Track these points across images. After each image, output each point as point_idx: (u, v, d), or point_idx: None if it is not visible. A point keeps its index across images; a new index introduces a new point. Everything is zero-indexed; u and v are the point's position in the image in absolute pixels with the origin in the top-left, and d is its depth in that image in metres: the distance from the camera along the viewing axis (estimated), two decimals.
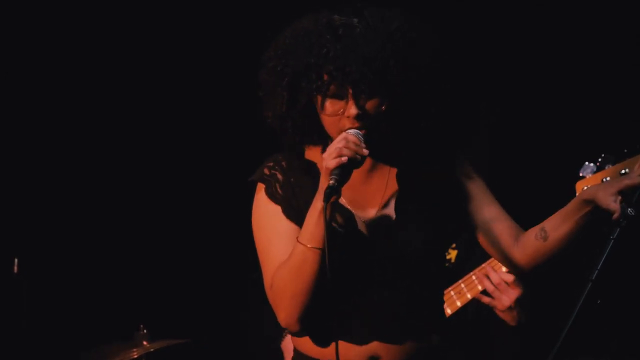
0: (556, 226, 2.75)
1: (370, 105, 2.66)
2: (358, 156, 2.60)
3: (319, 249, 2.62)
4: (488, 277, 3.87)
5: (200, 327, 4.99)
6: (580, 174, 3.63)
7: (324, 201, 2.56)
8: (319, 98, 2.69)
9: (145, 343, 4.38)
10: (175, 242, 5.11)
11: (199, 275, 5.13)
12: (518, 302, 3.87)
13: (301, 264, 2.65)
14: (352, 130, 2.64)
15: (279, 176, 2.81)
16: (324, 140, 2.79)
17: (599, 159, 3.55)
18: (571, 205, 2.73)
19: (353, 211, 2.79)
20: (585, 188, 3.58)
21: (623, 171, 3.45)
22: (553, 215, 2.77)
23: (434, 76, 2.71)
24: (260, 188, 2.81)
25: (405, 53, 2.65)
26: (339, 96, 2.66)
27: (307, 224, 2.65)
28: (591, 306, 2.58)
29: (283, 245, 2.73)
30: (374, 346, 2.75)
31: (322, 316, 2.69)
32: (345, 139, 2.60)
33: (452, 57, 2.79)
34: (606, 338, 4.26)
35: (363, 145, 2.62)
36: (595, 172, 3.57)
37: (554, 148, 4.62)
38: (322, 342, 2.78)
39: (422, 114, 2.73)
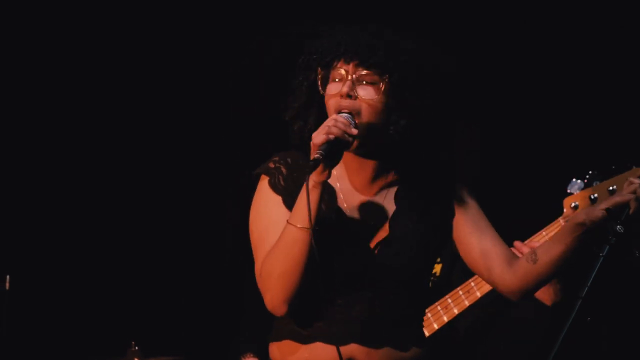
0: (547, 249, 2.82)
1: (363, 90, 2.78)
2: (346, 135, 2.71)
3: (307, 229, 2.70)
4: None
5: (192, 343, 4.98)
6: (568, 191, 3.66)
7: (307, 172, 2.66)
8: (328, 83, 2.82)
9: None
10: (167, 258, 5.07)
11: (192, 292, 5.10)
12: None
13: (290, 244, 2.72)
14: (343, 114, 2.76)
15: (283, 170, 2.90)
16: None
17: (587, 176, 3.58)
18: (563, 228, 2.81)
19: (352, 219, 2.87)
20: (573, 205, 3.63)
21: (611, 188, 3.48)
22: (546, 240, 2.84)
23: (427, 88, 2.81)
24: (264, 179, 2.90)
25: (406, 56, 2.80)
26: (341, 79, 2.80)
27: (297, 206, 2.74)
28: (581, 323, 2.61)
29: (279, 234, 2.78)
30: (352, 349, 2.81)
31: (307, 304, 2.77)
32: (334, 119, 2.72)
33: (452, 77, 2.88)
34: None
35: (352, 126, 2.73)
36: (582, 189, 3.60)
37: (541, 165, 4.62)
38: (302, 338, 2.84)
39: (411, 117, 2.81)
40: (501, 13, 4.76)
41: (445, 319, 3.91)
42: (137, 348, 4.32)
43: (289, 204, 2.83)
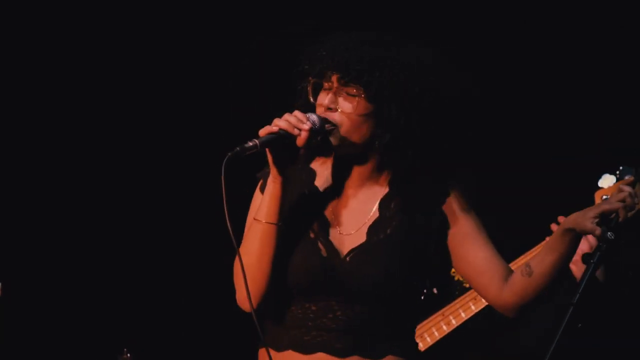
0: (540, 260, 2.79)
1: (345, 103, 2.77)
2: (296, 130, 2.68)
3: (272, 223, 2.75)
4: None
5: (185, 351, 4.98)
6: (599, 185, 3.67)
7: (229, 153, 2.63)
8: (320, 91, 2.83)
9: None
10: (160, 263, 5.07)
11: (184, 299, 5.10)
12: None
13: (252, 238, 2.77)
14: (311, 113, 2.76)
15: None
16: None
17: (617, 171, 3.59)
18: (553, 236, 2.78)
19: (332, 223, 2.86)
20: (604, 197, 3.62)
21: None
22: (537, 252, 2.83)
23: (413, 104, 2.77)
24: (259, 183, 2.92)
25: (397, 69, 2.76)
26: (329, 89, 2.80)
27: (262, 201, 2.78)
28: (573, 330, 2.60)
29: None
30: (319, 357, 2.80)
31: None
32: (288, 113, 2.72)
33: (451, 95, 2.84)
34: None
35: (308, 123, 2.70)
36: (615, 183, 3.61)
37: (573, 161, 4.64)
38: (277, 346, 2.84)
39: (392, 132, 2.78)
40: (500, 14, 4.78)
41: (437, 335, 3.92)
42: (129, 355, 4.33)
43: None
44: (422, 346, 3.90)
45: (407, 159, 2.79)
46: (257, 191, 2.92)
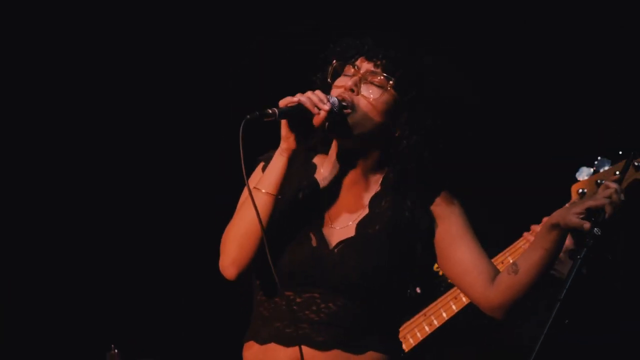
0: (526, 257, 2.80)
1: (368, 89, 2.81)
2: (315, 109, 2.70)
3: (271, 194, 2.76)
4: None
5: (173, 347, 4.98)
6: (577, 178, 3.66)
7: (247, 116, 2.68)
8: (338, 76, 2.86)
9: None
10: (147, 261, 5.06)
11: (172, 295, 5.09)
12: (567, 253, 3.81)
13: (247, 206, 2.76)
14: (332, 96, 2.78)
15: None
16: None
17: (595, 162, 3.58)
18: (539, 233, 2.78)
19: (324, 216, 2.88)
20: (580, 191, 3.62)
21: (617, 172, 3.49)
22: (524, 251, 2.86)
23: (435, 105, 2.85)
24: (260, 165, 2.93)
25: (418, 69, 2.85)
26: (352, 74, 2.83)
27: (265, 172, 2.79)
28: (560, 325, 2.60)
29: None
30: (302, 351, 2.79)
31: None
32: (312, 92, 2.74)
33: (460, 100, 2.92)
34: None
35: (329, 104, 2.73)
36: (591, 175, 3.61)
37: (550, 152, 4.63)
38: (260, 339, 2.85)
39: (409, 131, 2.83)
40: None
41: (428, 329, 3.91)
42: (116, 351, 4.33)
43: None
44: (405, 347, 3.89)
45: (422, 160, 2.84)
46: (255, 173, 2.92)
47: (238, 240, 2.77)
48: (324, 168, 2.93)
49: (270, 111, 2.68)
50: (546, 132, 4.73)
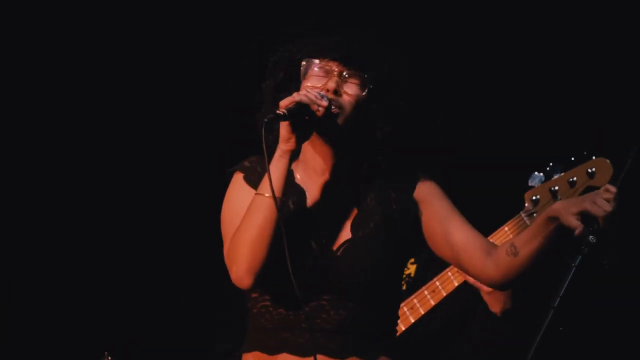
0: (526, 242, 2.77)
1: (348, 87, 2.80)
2: (315, 105, 2.70)
3: (276, 198, 2.72)
4: None
5: (166, 354, 4.97)
6: (530, 184, 3.66)
7: (265, 121, 2.66)
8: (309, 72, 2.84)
9: None
10: (141, 267, 5.04)
11: (165, 301, 5.07)
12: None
13: (255, 211, 2.72)
14: (323, 95, 2.77)
15: (259, 169, 2.89)
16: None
17: (547, 168, 3.58)
18: (538, 221, 2.76)
19: (316, 221, 2.86)
20: (534, 198, 3.61)
21: (571, 179, 3.49)
22: (524, 232, 2.80)
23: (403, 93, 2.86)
24: (238, 175, 2.90)
25: (389, 61, 2.87)
26: (327, 73, 2.81)
27: (265, 177, 2.74)
28: (553, 333, 2.58)
29: None
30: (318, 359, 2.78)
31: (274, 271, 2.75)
32: (306, 89, 2.74)
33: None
34: None
35: (325, 100, 2.72)
36: (543, 182, 3.61)
37: (502, 159, 4.60)
38: (270, 349, 2.82)
39: (386, 122, 2.84)
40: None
41: (412, 319, 3.90)
42: (110, 358, 4.33)
43: None
44: (402, 327, 3.89)
45: (397, 148, 2.85)
46: (240, 182, 2.89)
47: (250, 246, 2.72)
48: (300, 172, 2.91)
49: (280, 112, 2.67)
50: (496, 137, 4.73)
